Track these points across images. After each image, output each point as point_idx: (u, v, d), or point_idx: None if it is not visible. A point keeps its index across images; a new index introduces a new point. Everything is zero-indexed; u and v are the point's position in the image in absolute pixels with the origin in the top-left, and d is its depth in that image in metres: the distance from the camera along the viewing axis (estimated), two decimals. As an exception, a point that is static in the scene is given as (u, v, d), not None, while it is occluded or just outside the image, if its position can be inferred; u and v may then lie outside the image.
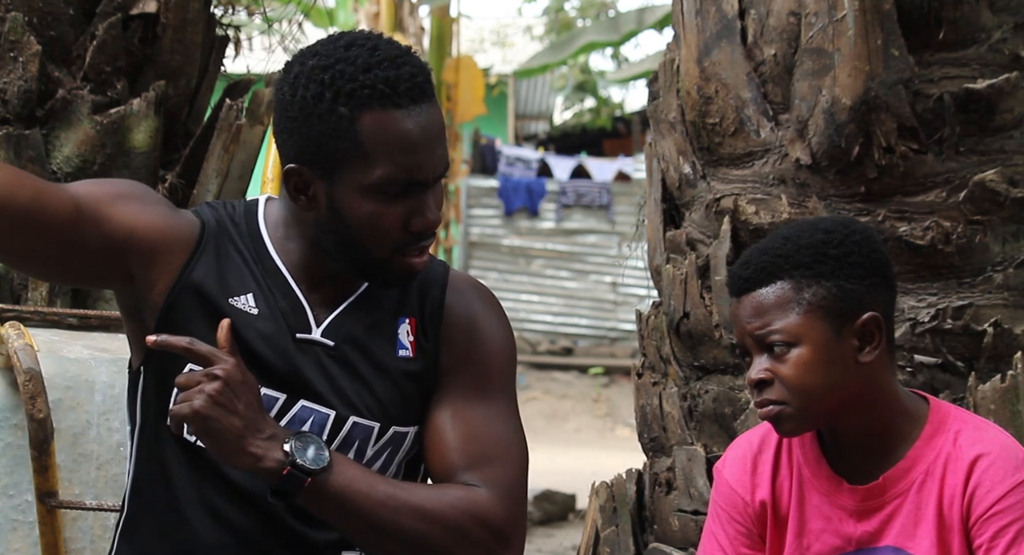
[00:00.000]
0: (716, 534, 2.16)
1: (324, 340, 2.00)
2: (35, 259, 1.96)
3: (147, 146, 3.29)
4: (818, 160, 2.63)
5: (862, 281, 2.04)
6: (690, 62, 2.83)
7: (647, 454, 2.97)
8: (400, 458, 2.04)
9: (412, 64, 1.91)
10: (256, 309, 1.98)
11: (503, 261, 16.88)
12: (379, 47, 1.92)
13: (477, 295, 2.12)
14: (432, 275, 2.09)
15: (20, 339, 2.57)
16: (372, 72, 1.89)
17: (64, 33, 3.28)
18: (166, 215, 1.99)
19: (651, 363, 2.98)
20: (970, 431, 2.05)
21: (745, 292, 2.07)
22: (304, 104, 1.91)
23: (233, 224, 2.04)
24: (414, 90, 1.90)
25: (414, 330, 2.05)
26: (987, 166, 2.60)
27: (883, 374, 2.06)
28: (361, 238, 1.95)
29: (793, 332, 2.02)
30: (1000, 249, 2.61)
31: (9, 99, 3.18)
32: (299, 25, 4.24)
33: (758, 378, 2.04)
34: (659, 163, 2.99)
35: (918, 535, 2.03)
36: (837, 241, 2.05)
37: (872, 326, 2.03)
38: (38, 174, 3.17)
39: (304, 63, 1.92)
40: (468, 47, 19.89)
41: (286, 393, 1.97)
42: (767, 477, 2.14)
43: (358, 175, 1.91)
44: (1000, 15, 2.65)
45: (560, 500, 8.54)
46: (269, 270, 2.01)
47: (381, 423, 2.00)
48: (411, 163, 1.91)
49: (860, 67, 2.57)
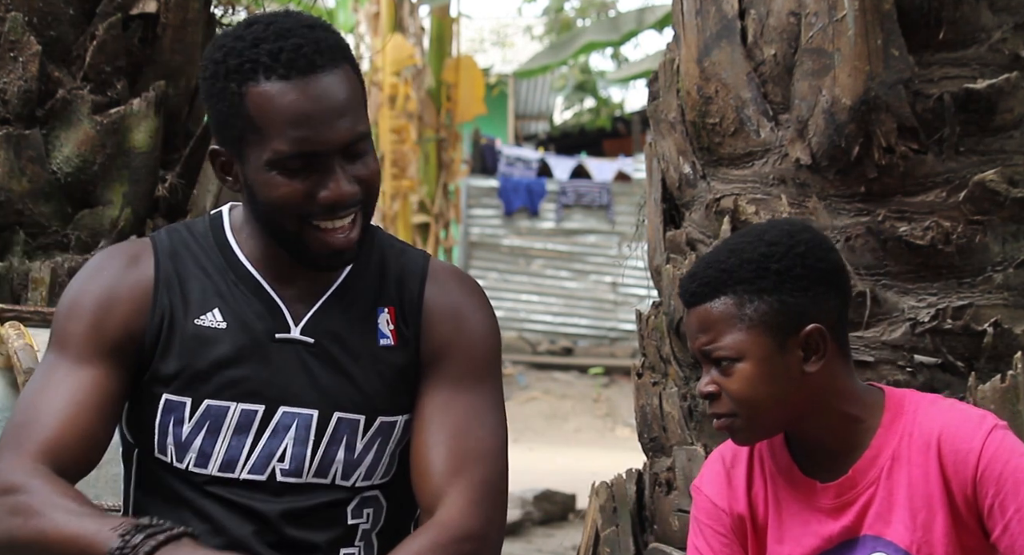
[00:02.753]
0: (700, 548, 2.18)
1: (304, 338, 2.01)
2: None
3: (147, 146, 3.29)
4: (818, 160, 2.63)
5: (805, 293, 2.05)
6: (690, 62, 2.83)
7: (647, 454, 2.97)
8: (392, 448, 2.05)
9: (302, 35, 1.89)
10: (224, 323, 2.00)
11: (503, 261, 16.88)
12: (274, 22, 1.91)
13: (458, 284, 2.11)
14: (412, 265, 2.09)
15: (20, 339, 2.57)
16: (259, 46, 1.88)
17: (64, 33, 3.28)
18: (109, 291, 2.00)
19: (651, 363, 2.98)
20: (926, 408, 2.07)
21: (692, 305, 2.10)
22: (206, 84, 1.94)
23: (194, 241, 2.06)
24: (299, 61, 1.87)
25: (393, 319, 2.05)
26: (987, 166, 2.60)
27: (835, 379, 2.08)
28: (272, 214, 1.94)
29: (737, 348, 2.05)
30: (1000, 249, 2.61)
31: (9, 99, 3.18)
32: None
33: (706, 392, 2.09)
34: (659, 163, 2.99)
35: (893, 520, 2.04)
36: (779, 255, 2.06)
37: (816, 337, 2.05)
38: (38, 174, 3.19)
39: (214, 44, 1.95)
40: (468, 47, 19.90)
41: (264, 404, 1.98)
42: (742, 490, 2.16)
43: (257, 151, 1.91)
44: (1000, 15, 2.65)
45: (560, 500, 8.54)
46: (241, 275, 2.03)
47: (366, 415, 2.01)
48: (303, 136, 1.88)
49: (860, 67, 2.57)
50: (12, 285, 3.14)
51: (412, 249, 2.13)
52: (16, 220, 3.20)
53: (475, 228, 16.86)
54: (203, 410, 1.98)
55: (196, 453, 1.98)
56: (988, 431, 2.01)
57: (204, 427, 1.98)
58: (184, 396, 1.98)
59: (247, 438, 1.98)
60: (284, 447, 1.98)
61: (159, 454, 2.00)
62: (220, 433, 1.97)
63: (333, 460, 2.00)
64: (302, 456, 1.98)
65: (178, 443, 1.98)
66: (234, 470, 1.98)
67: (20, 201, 3.18)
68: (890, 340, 2.57)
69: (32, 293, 3.13)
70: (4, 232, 3.20)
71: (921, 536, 2.02)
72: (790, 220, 2.48)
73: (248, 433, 1.98)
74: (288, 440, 1.98)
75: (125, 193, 3.28)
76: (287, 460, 1.98)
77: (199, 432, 1.98)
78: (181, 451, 1.98)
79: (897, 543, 2.03)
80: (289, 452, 1.98)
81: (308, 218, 1.93)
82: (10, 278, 3.14)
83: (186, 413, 1.98)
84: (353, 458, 2.01)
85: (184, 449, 1.98)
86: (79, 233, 3.24)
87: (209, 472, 1.98)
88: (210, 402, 1.98)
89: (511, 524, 7.91)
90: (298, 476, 1.98)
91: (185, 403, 1.98)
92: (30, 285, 3.13)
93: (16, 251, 3.19)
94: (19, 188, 3.18)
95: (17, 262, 3.17)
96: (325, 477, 2.00)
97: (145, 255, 2.03)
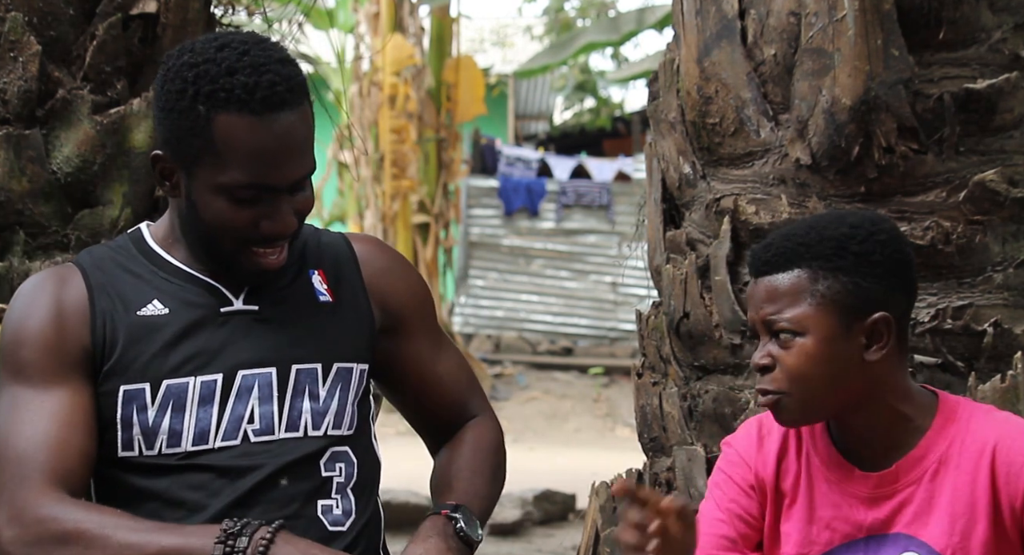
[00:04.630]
0: (715, 496, 2.17)
1: (248, 307, 2.08)
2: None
3: (147, 146, 3.28)
4: (818, 160, 2.63)
5: (880, 281, 2.04)
6: (690, 62, 2.83)
7: (647, 454, 2.97)
8: (352, 397, 2.11)
9: (276, 72, 1.95)
10: (166, 309, 2.06)
11: (503, 261, 16.87)
12: (248, 52, 1.96)
13: (381, 248, 2.26)
14: (329, 236, 2.22)
15: (20, 339, 2.56)
16: (235, 76, 1.93)
17: (64, 33, 3.28)
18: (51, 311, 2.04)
19: (651, 363, 2.99)
20: (981, 417, 2.06)
21: (762, 274, 2.07)
22: (169, 97, 1.97)
23: (117, 253, 2.12)
24: (273, 98, 1.93)
25: (325, 279, 2.15)
26: (987, 166, 2.60)
27: (891, 374, 2.06)
28: (211, 231, 2.01)
29: (801, 322, 2.03)
30: (1000, 249, 2.61)
31: (9, 99, 3.18)
32: (299, 25, 4.24)
33: (761, 363, 2.06)
34: (659, 163, 2.99)
35: (931, 523, 2.03)
36: (861, 237, 2.05)
37: (882, 326, 2.03)
38: (38, 174, 3.18)
39: (180, 57, 1.99)
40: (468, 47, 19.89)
41: (222, 372, 2.03)
42: (772, 456, 2.14)
43: (211, 173, 1.97)
44: (1000, 15, 2.65)
45: (560, 500, 8.53)
46: (172, 272, 2.09)
47: (323, 362, 2.08)
48: (261, 171, 1.96)
49: (860, 67, 2.57)
50: (12, 285, 3.14)
51: (323, 228, 2.26)
52: (16, 220, 3.19)
53: (475, 228, 16.85)
54: (164, 391, 2.01)
55: (167, 434, 2.01)
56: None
57: (168, 407, 2.01)
58: (141, 382, 2.02)
59: (212, 407, 2.02)
60: (251, 408, 2.03)
61: (124, 452, 2.02)
62: (186, 409, 2.01)
63: (301, 411, 2.05)
64: (270, 414, 2.04)
65: (145, 430, 2.01)
66: (208, 441, 2.02)
67: (20, 201, 3.18)
68: (890, 340, 2.57)
69: (32, 293, 3.12)
70: (4, 232, 3.20)
71: (958, 542, 2.01)
72: (876, 213, 2.46)
73: (212, 403, 2.02)
74: (253, 400, 2.03)
75: (125, 193, 3.28)
76: (256, 420, 2.03)
77: (164, 413, 2.01)
78: (149, 438, 2.01)
79: (932, 545, 2.02)
80: (257, 412, 2.03)
81: (245, 242, 2.01)
82: (10, 278, 3.14)
83: (147, 398, 2.01)
84: (319, 406, 2.07)
85: (152, 435, 2.01)
86: (79, 233, 3.24)
87: (183, 449, 2.01)
88: (168, 382, 2.01)
89: (511, 524, 7.91)
90: (270, 433, 2.04)
91: (144, 389, 2.01)
92: (30, 285, 3.13)
93: (16, 251, 3.19)
94: (19, 188, 3.18)
95: (17, 262, 3.17)
96: (297, 430, 2.05)
97: (72, 273, 2.08)
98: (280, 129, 1.94)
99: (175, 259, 2.09)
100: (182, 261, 2.09)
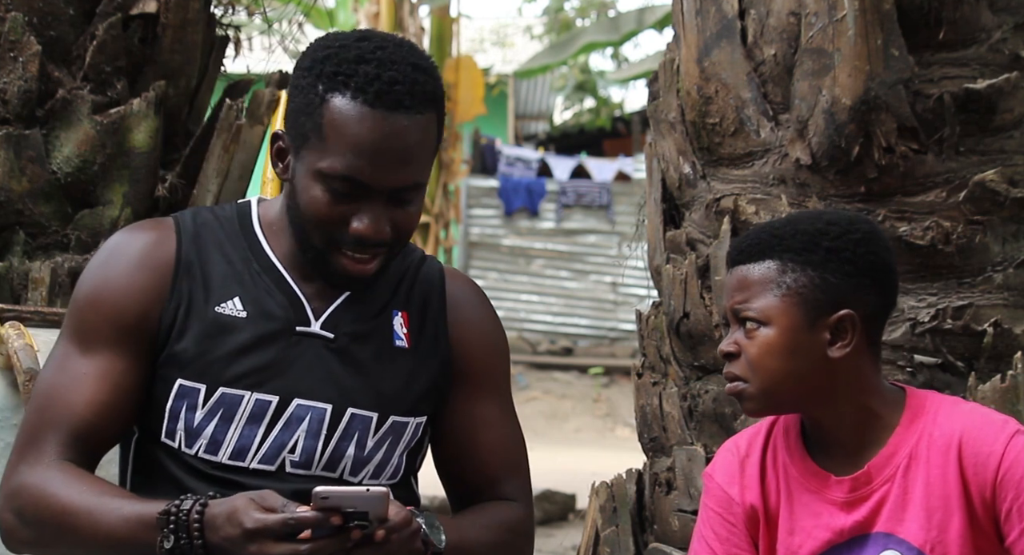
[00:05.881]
0: (706, 536, 2.17)
1: (323, 333, 2.03)
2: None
3: (147, 146, 3.29)
4: (818, 160, 2.63)
5: (848, 278, 2.06)
6: (690, 62, 2.83)
7: (647, 454, 2.97)
8: (401, 449, 2.08)
9: (403, 72, 1.92)
10: (244, 312, 2.02)
11: (503, 261, 16.88)
12: (385, 48, 1.95)
13: (476, 296, 2.17)
14: (427, 272, 2.14)
15: (20, 339, 2.57)
16: (360, 65, 1.92)
17: (64, 33, 3.28)
18: (128, 278, 2.01)
19: (651, 363, 2.98)
20: (948, 409, 2.06)
21: (736, 264, 2.11)
22: (298, 73, 1.97)
23: (220, 226, 2.07)
24: (389, 95, 1.90)
25: (407, 323, 2.09)
26: (987, 166, 2.60)
27: (858, 372, 2.07)
28: (304, 221, 1.98)
29: (766, 312, 2.06)
30: (1000, 249, 2.61)
31: (9, 99, 3.18)
32: (299, 25, 4.24)
33: (725, 350, 2.09)
34: (659, 163, 2.99)
35: (907, 519, 2.04)
36: (835, 234, 2.07)
37: (847, 323, 2.05)
38: (38, 174, 3.18)
39: (323, 40, 1.98)
40: (468, 47, 19.89)
41: (279, 395, 2.00)
42: (755, 479, 2.15)
43: (314, 156, 1.94)
44: (1000, 15, 2.65)
45: (560, 500, 8.53)
46: (264, 266, 2.04)
47: (379, 413, 2.04)
48: (359, 165, 1.91)
49: (860, 67, 2.57)
50: (12, 285, 3.14)
51: (431, 258, 2.18)
52: (16, 220, 3.19)
53: (475, 228, 16.86)
54: (217, 397, 1.99)
55: (207, 439, 1.99)
56: (1011, 435, 2.00)
57: (217, 414, 1.99)
58: (199, 382, 1.99)
59: (259, 428, 1.99)
60: (296, 439, 2.00)
61: (166, 439, 2.01)
62: (233, 421, 1.99)
63: (343, 455, 2.02)
64: (313, 449, 2.00)
65: (189, 429, 2.00)
66: (244, 459, 1.99)
67: (20, 201, 3.18)
68: (890, 340, 2.57)
69: (32, 293, 3.13)
70: (4, 232, 3.20)
71: (936, 536, 2.02)
72: (858, 214, 2.46)
73: (261, 423, 1.99)
74: (300, 432, 2.00)
75: (125, 193, 3.28)
76: (298, 452, 2.00)
77: (212, 419, 1.99)
78: (191, 437, 2.00)
79: (910, 541, 2.03)
80: (300, 444, 2.00)
81: (335, 241, 1.96)
82: (10, 278, 3.14)
83: (200, 399, 1.99)
84: (363, 455, 2.03)
85: (195, 435, 1.99)
86: (79, 233, 3.24)
87: (219, 459, 1.99)
88: (225, 390, 1.99)
89: (511, 524, 7.90)
90: (307, 468, 2.01)
91: (199, 389, 1.99)
92: (30, 285, 3.13)
93: (16, 251, 3.19)
94: (19, 188, 3.18)
95: (17, 262, 3.17)
96: (334, 471, 2.02)
97: (167, 238, 2.05)
98: (389, 128, 1.90)
99: (273, 252, 2.05)
100: (280, 255, 2.05)
